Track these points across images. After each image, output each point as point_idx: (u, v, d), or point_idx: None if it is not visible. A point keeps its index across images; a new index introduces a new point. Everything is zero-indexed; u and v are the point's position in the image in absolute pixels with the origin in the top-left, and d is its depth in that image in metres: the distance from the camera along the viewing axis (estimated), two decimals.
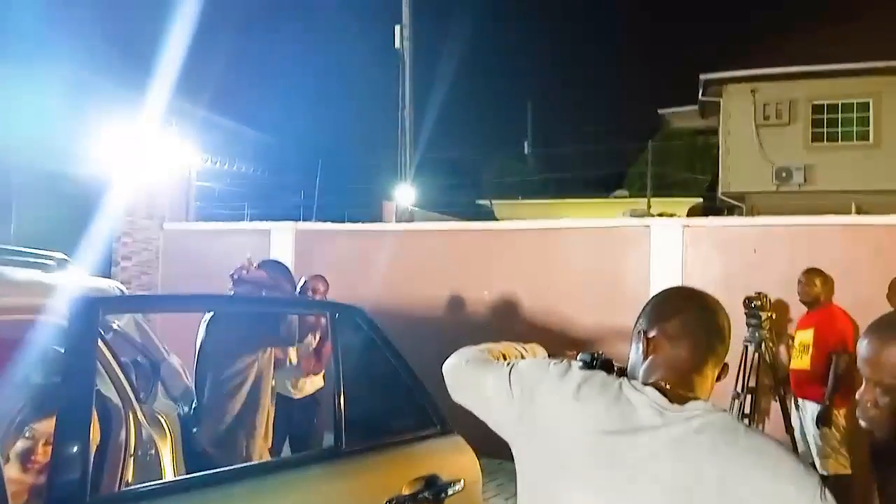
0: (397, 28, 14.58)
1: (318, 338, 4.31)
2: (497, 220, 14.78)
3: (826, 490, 1.19)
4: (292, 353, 4.43)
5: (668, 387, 1.32)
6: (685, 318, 1.38)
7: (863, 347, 1.34)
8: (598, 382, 1.36)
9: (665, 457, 1.23)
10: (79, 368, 1.79)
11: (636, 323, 1.45)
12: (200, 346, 2.98)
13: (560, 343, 5.96)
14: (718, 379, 1.40)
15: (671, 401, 1.29)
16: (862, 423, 1.36)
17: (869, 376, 1.32)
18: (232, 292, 2.86)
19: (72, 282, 2.50)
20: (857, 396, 1.35)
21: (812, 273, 4.84)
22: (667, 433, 1.25)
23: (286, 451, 4.33)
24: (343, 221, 8.08)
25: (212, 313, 2.86)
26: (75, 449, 1.81)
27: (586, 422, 1.31)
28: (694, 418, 1.25)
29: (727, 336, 1.39)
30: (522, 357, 1.80)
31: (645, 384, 1.34)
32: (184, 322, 3.55)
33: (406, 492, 2.17)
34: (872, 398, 1.31)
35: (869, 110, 14.78)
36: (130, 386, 2.67)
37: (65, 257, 2.84)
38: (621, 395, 1.32)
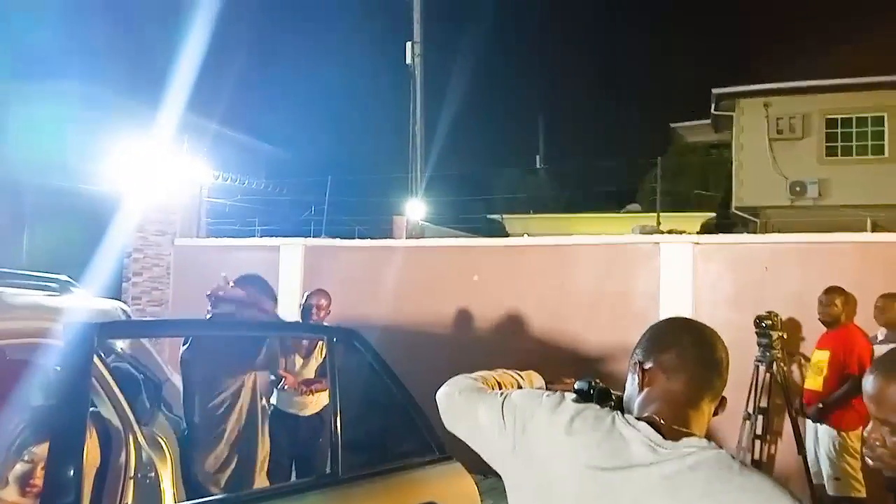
0: (408, 44, 14.67)
1: (323, 354, 4.28)
2: (508, 234, 14.77)
3: None
4: (306, 369, 4.40)
5: (662, 422, 1.29)
6: (682, 350, 1.35)
7: (868, 385, 1.31)
8: (591, 416, 1.33)
9: (658, 494, 1.20)
10: (73, 393, 1.78)
11: (633, 353, 1.43)
12: (185, 370, 2.91)
13: (568, 360, 5.91)
14: (716, 413, 1.37)
15: (665, 436, 1.26)
16: (869, 461, 1.33)
17: (875, 415, 1.29)
18: (210, 314, 2.80)
19: (74, 305, 2.50)
20: (864, 434, 1.32)
21: (833, 292, 4.71)
22: (660, 470, 1.22)
23: (292, 470, 4.30)
24: (353, 237, 8.08)
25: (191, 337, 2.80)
26: (70, 473, 1.80)
27: (578, 456, 1.29)
28: (688, 455, 1.22)
29: (725, 370, 1.36)
30: (519, 385, 1.79)
31: (639, 418, 1.31)
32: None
33: None
34: (880, 437, 1.29)
35: (884, 124, 14.65)
36: (130, 408, 2.66)
37: (69, 279, 2.85)
38: (614, 429, 1.29)
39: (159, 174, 7.89)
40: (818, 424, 4.66)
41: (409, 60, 14.68)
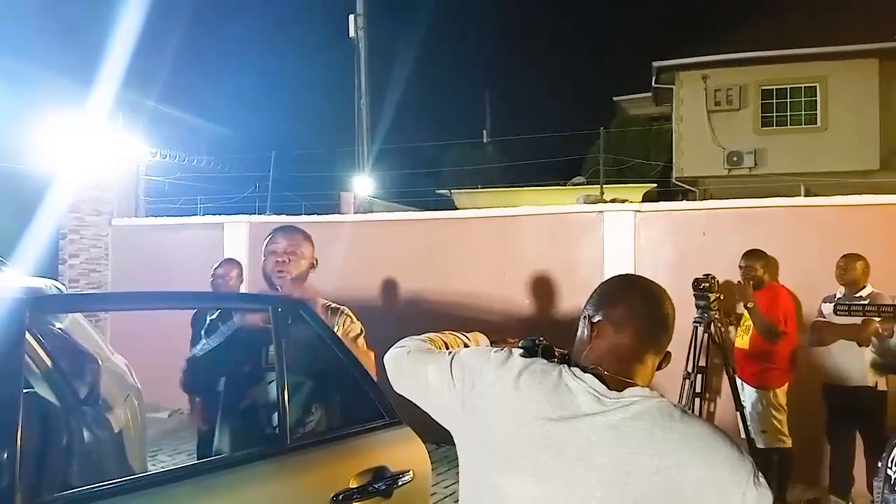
0: (351, 17, 14.43)
1: None
2: (457, 208, 14.79)
3: (760, 475, 1.20)
4: None
5: (607, 373, 1.32)
6: (630, 305, 1.38)
7: None
8: (538, 370, 1.35)
9: (603, 444, 1.23)
10: (4, 372, 1.71)
11: (584, 308, 1.45)
12: None
13: (517, 330, 5.99)
14: (660, 367, 1.40)
15: (610, 387, 1.29)
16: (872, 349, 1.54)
17: None
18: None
19: (3, 283, 2.41)
20: (878, 327, 1.66)
21: (751, 256, 4.91)
22: (604, 420, 1.25)
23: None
24: (300, 214, 7.98)
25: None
26: (4, 456, 1.74)
27: (526, 409, 1.31)
28: (631, 405, 1.25)
29: (671, 325, 1.39)
30: (465, 346, 1.80)
31: (585, 370, 1.34)
32: (140, 320, 3.37)
33: (354, 485, 2.15)
34: (891, 329, 1.56)
35: (816, 94, 15.17)
36: (70, 387, 2.60)
37: None
38: (561, 382, 1.32)
39: (93, 152, 7.61)
40: (742, 382, 4.90)
41: (352, 33, 14.45)
